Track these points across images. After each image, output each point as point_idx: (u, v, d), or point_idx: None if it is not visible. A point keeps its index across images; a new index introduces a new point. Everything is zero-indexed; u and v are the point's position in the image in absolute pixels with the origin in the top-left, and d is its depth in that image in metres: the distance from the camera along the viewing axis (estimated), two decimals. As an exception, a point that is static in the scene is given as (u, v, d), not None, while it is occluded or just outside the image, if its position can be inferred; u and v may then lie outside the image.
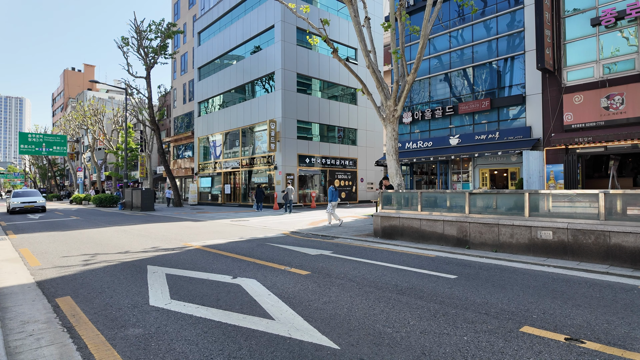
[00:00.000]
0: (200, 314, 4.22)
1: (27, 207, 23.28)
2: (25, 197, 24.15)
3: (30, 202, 23.54)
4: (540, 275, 5.84)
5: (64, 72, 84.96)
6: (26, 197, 24.16)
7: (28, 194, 25.31)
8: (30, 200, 23.73)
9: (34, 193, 25.58)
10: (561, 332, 3.60)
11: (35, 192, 25.95)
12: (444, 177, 20.03)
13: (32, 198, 24.09)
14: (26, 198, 23.97)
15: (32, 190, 26.44)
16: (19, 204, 23.15)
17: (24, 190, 25.97)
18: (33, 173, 77.78)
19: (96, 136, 43.62)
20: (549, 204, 7.50)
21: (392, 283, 5.44)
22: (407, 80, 10.81)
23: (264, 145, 26.02)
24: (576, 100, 14.26)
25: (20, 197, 24.06)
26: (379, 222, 10.20)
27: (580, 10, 14.42)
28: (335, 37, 27.29)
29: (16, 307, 4.53)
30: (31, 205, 23.37)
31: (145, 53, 27.61)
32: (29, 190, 26.06)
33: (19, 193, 25.14)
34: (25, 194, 25.23)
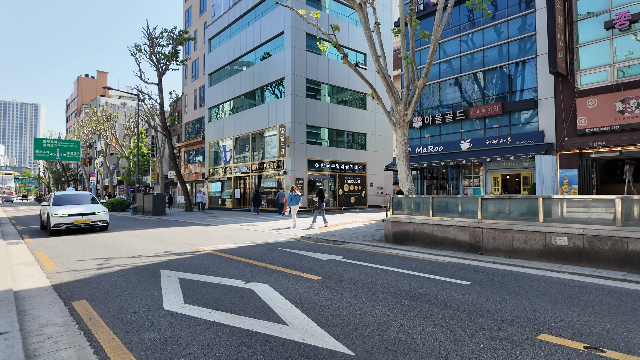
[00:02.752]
0: (214, 318, 4.24)
1: (80, 222, 13.40)
2: (75, 207, 13.95)
3: (84, 213, 13.60)
4: (556, 282, 5.74)
5: (78, 78, 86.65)
6: (76, 207, 13.97)
7: (77, 199, 15.08)
8: (82, 211, 13.66)
9: (84, 198, 15.36)
10: (580, 341, 3.53)
11: (86, 195, 15.64)
12: (455, 181, 19.88)
13: (85, 207, 14.07)
14: (76, 208, 13.84)
15: (81, 193, 15.68)
16: (66, 217, 13.13)
17: (71, 194, 15.33)
18: (47, 178, 79.19)
19: (109, 141, 44.29)
20: (564, 210, 7.39)
21: (405, 289, 5.41)
22: (417, 85, 10.79)
23: (273, 150, 26.14)
24: (590, 104, 14.07)
25: (67, 207, 13.83)
26: (390, 227, 10.15)
27: (594, 14, 14.26)
28: (345, 43, 27.39)
29: (34, 310, 4.60)
30: (86, 221, 13.53)
31: (157, 60, 28.04)
32: (78, 194, 15.48)
33: (62, 199, 14.72)
34: (73, 199, 14.96)
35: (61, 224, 12.99)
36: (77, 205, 14.29)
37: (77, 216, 13.35)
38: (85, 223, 13.48)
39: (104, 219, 14.04)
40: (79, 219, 13.34)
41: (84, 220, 13.43)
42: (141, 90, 29.93)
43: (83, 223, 13.42)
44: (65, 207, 13.60)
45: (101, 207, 14.37)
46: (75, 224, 13.26)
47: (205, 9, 39.63)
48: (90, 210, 13.79)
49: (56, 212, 13.11)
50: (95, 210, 13.89)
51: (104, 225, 14.13)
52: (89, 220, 13.56)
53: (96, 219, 13.79)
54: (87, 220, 13.51)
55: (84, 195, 15.48)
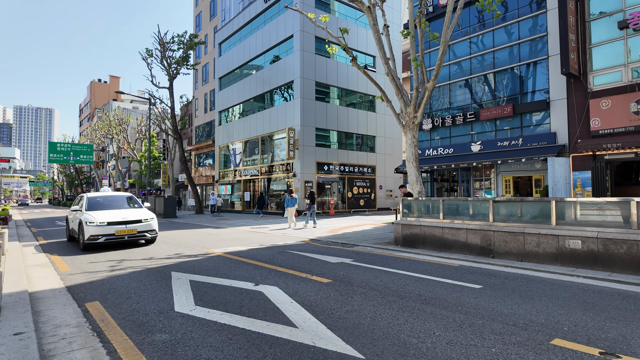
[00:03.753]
0: (225, 320, 4.26)
1: (123, 234, 10.06)
2: (115, 212, 10.66)
3: (127, 221, 10.26)
4: (569, 286, 5.65)
5: (91, 83, 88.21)
6: (116, 212, 10.67)
7: (116, 202, 11.72)
8: (125, 218, 10.32)
9: (124, 200, 11.99)
10: (595, 346, 3.46)
11: (125, 197, 12.26)
12: (466, 184, 19.70)
13: (128, 213, 10.74)
14: (116, 213, 10.55)
15: (119, 194, 12.39)
16: (105, 227, 9.88)
17: (108, 196, 12.02)
18: (61, 181, 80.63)
19: (121, 145, 44.95)
20: (577, 212, 7.27)
21: (416, 292, 5.37)
22: (427, 87, 10.74)
23: (282, 153, 26.23)
24: (603, 105, 13.84)
25: (104, 212, 10.59)
26: (400, 230, 10.10)
27: (607, 14, 14.05)
28: (354, 45, 27.41)
29: (48, 311, 4.68)
30: (130, 231, 10.16)
31: (168, 64, 28.41)
32: (116, 196, 12.16)
33: (97, 202, 11.38)
34: (110, 202, 11.58)
35: (98, 235, 9.63)
36: (117, 209, 10.96)
37: (119, 225, 9.93)
38: (130, 234, 10.03)
39: (152, 228, 10.56)
40: (121, 229, 9.91)
41: (127, 231, 9.98)
42: (152, 94, 30.33)
43: (127, 234, 9.98)
44: (103, 213, 10.34)
45: (148, 213, 10.93)
46: (117, 236, 9.83)
47: (216, 14, 40.06)
48: (135, 217, 10.37)
49: (91, 219, 9.78)
50: (141, 217, 10.43)
51: (153, 236, 10.62)
52: (134, 230, 10.08)
53: (143, 228, 10.29)
54: (131, 230, 10.05)
55: (123, 198, 12.14)
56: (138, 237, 10.33)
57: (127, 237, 10.12)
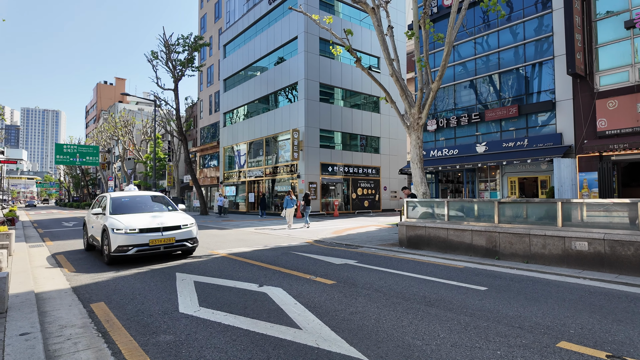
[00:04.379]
0: (229, 321, 4.27)
1: (159, 243, 8.02)
2: (146, 216, 8.73)
3: (163, 227, 8.22)
4: (575, 288, 5.59)
5: (97, 85, 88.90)
6: (148, 216, 8.75)
7: (145, 203, 9.78)
8: (161, 224, 8.27)
9: (155, 201, 10.03)
10: (602, 349, 3.42)
11: (156, 197, 10.31)
12: (471, 185, 19.60)
13: (163, 217, 8.72)
14: (149, 217, 8.59)
15: (148, 194, 10.39)
16: (136, 235, 7.89)
17: (135, 196, 10.01)
18: (67, 182, 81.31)
19: (126, 146, 45.25)
20: (584, 214, 7.21)
21: (420, 294, 5.34)
22: (431, 88, 10.71)
23: (287, 154, 26.27)
24: (610, 106, 13.72)
25: (133, 216, 8.60)
26: (404, 231, 10.07)
27: (613, 13, 13.94)
28: (358, 47, 27.42)
29: (54, 312, 4.71)
30: (167, 240, 8.11)
31: (174, 66, 28.56)
32: (144, 196, 10.20)
33: (124, 203, 9.40)
34: (139, 204, 9.63)
35: (129, 246, 7.68)
36: (148, 213, 8.97)
37: (154, 233, 7.95)
38: (167, 244, 8.04)
39: (193, 235, 8.52)
40: (156, 238, 7.91)
41: (164, 240, 7.99)
42: (158, 96, 30.50)
43: (163, 244, 7.98)
44: (132, 217, 8.35)
45: (186, 217, 8.84)
46: (152, 246, 7.85)
47: (220, 16, 40.24)
48: (172, 222, 8.32)
49: (119, 225, 7.84)
50: (180, 222, 8.39)
51: (193, 246, 8.59)
52: (172, 238, 8.08)
53: (183, 236, 8.26)
54: (169, 239, 8.05)
55: (154, 198, 10.08)
56: (176, 247, 8.23)
57: (163, 248, 7.98)
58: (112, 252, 7.78)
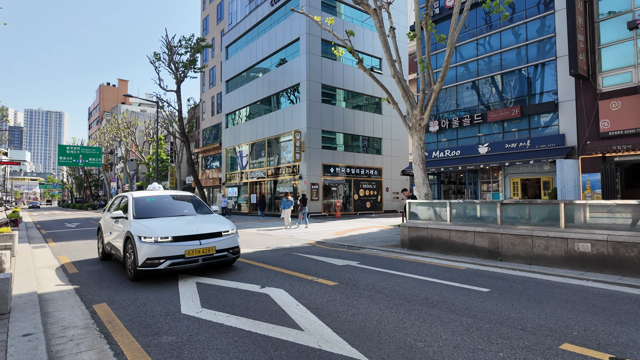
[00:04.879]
0: (231, 323, 4.27)
1: (197, 255, 6.43)
2: (178, 221, 7.11)
3: (201, 234, 6.64)
4: (578, 290, 5.57)
5: (100, 87, 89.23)
6: (180, 221, 7.12)
7: (174, 205, 8.06)
8: (198, 231, 6.67)
9: (185, 203, 8.28)
10: (605, 351, 3.41)
11: (185, 197, 8.55)
12: (473, 186, 19.56)
13: (199, 223, 7.07)
14: (181, 222, 7.06)
15: (177, 194, 8.57)
16: (169, 244, 6.30)
17: (161, 196, 8.18)
18: (70, 183, 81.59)
19: (129, 148, 45.38)
20: (587, 215, 7.18)
21: (422, 296, 5.33)
22: (433, 89, 10.70)
23: (289, 155, 26.29)
24: (613, 107, 13.67)
25: (163, 221, 7.01)
26: (406, 232, 10.05)
27: (616, 14, 13.90)
28: (360, 48, 27.43)
29: (57, 313, 4.73)
30: (207, 250, 6.53)
31: (176, 67, 28.65)
32: (173, 196, 8.43)
33: (148, 206, 7.67)
34: (167, 206, 7.90)
35: (160, 258, 6.21)
36: (179, 217, 7.44)
37: (191, 241, 6.46)
38: (206, 255, 6.53)
39: (236, 244, 7.11)
40: (194, 247, 6.41)
41: (203, 250, 6.49)
42: (160, 97, 30.60)
43: (202, 255, 6.48)
44: (161, 222, 6.89)
45: (224, 221, 7.37)
46: (188, 258, 6.35)
47: (223, 17, 40.36)
48: (211, 228, 6.86)
49: (147, 232, 6.39)
50: (220, 228, 6.94)
51: (235, 256, 7.10)
52: (211, 248, 6.59)
53: (224, 245, 6.82)
54: (209, 248, 6.56)
55: (182, 198, 8.44)
56: (217, 259, 6.69)
57: (201, 260, 6.46)
58: (139, 266, 6.17)
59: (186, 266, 6.40)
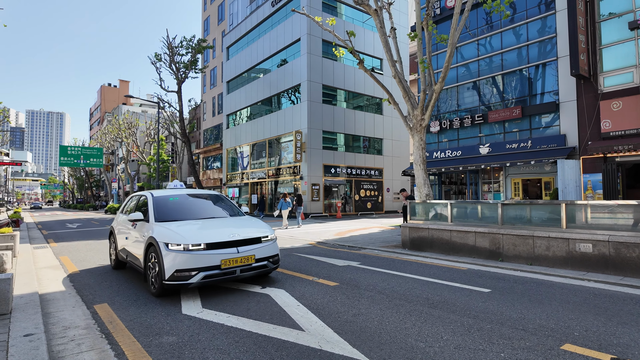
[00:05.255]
0: (231, 323, 4.27)
1: (234, 265, 5.41)
2: (207, 223, 6.21)
3: (238, 241, 5.61)
4: (580, 290, 5.56)
5: (101, 87, 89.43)
6: (209, 222, 6.24)
7: (201, 205, 7.04)
8: (234, 235, 5.62)
9: (212, 203, 7.19)
10: (606, 352, 3.40)
11: (211, 197, 7.41)
12: (474, 187, 19.54)
13: (231, 224, 6.15)
14: (212, 225, 6.10)
15: (202, 193, 7.52)
16: (203, 253, 5.26)
17: (188, 194, 7.16)
18: (71, 184, 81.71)
19: (130, 148, 45.44)
20: (588, 216, 7.16)
21: (423, 296, 5.33)
22: (434, 89, 10.70)
23: (289, 155, 26.30)
24: (614, 107, 13.66)
25: (188, 222, 6.12)
26: (407, 233, 10.05)
27: (617, 14, 13.89)
28: (361, 48, 27.44)
29: (58, 313, 4.73)
30: (245, 259, 5.52)
31: (177, 68, 28.69)
32: (197, 195, 7.36)
33: (171, 206, 6.53)
34: (192, 207, 6.85)
35: (192, 270, 5.22)
36: (208, 219, 6.45)
37: (227, 249, 5.49)
38: (244, 265, 5.56)
39: (276, 252, 6.12)
40: (230, 256, 5.45)
41: (241, 260, 5.53)
42: (161, 98, 30.65)
43: (239, 265, 5.51)
44: (189, 226, 5.93)
45: (262, 224, 6.39)
46: (224, 270, 5.38)
47: (224, 18, 40.41)
48: (249, 233, 5.87)
49: (176, 238, 5.40)
50: (259, 233, 5.97)
51: (275, 265, 6.07)
52: (251, 257, 5.64)
53: (264, 253, 5.83)
54: (247, 257, 5.59)
55: (209, 197, 7.37)
56: (256, 269, 5.67)
57: (239, 271, 5.45)
58: (166, 280, 5.14)
59: (221, 279, 5.37)
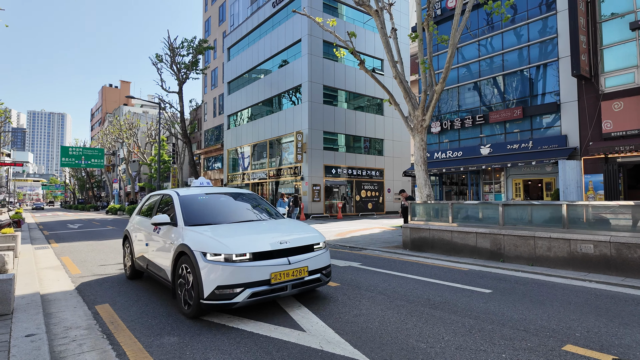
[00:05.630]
0: (233, 323, 4.27)
1: (286, 279, 4.43)
2: (245, 227, 5.09)
3: (289, 249, 4.61)
4: (581, 291, 5.55)
5: (102, 88, 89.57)
6: (247, 227, 5.11)
7: (232, 206, 5.88)
8: (283, 241, 4.61)
9: (242, 203, 6.06)
10: (608, 352, 3.39)
11: (240, 198, 6.18)
12: (475, 187, 19.53)
13: (278, 229, 5.20)
14: (254, 229, 5.04)
15: (233, 191, 6.26)
16: (248, 264, 4.26)
17: (217, 194, 5.99)
18: (73, 184, 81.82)
19: (131, 149, 45.50)
20: (589, 216, 7.15)
21: (424, 297, 5.32)
22: (435, 90, 10.70)
23: (290, 156, 26.31)
24: (616, 107, 13.64)
25: (223, 226, 5.03)
26: (408, 233, 10.04)
27: (618, 15, 13.88)
28: (362, 49, 27.45)
29: (60, 313, 4.74)
30: (298, 271, 4.55)
31: (178, 69, 28.73)
32: (227, 192, 6.16)
33: (202, 207, 5.50)
34: (225, 207, 5.79)
35: (237, 286, 4.21)
36: (247, 222, 5.44)
37: (277, 259, 4.47)
38: (296, 279, 4.56)
39: (328, 262, 5.09)
40: (282, 269, 4.44)
41: (293, 272, 4.53)
42: (162, 99, 30.70)
43: (291, 280, 4.51)
44: (228, 230, 4.92)
45: (312, 230, 5.34)
46: (274, 285, 4.37)
47: (224, 19, 40.47)
48: (299, 240, 4.84)
49: (214, 245, 4.39)
50: (310, 240, 4.95)
51: (328, 279, 5.06)
52: (303, 269, 4.63)
53: (316, 263, 4.82)
54: (300, 270, 4.59)
55: (241, 197, 6.29)
56: (309, 284, 4.72)
57: (290, 287, 4.49)
58: (205, 299, 4.18)
59: (270, 296, 4.36)
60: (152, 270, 5.64)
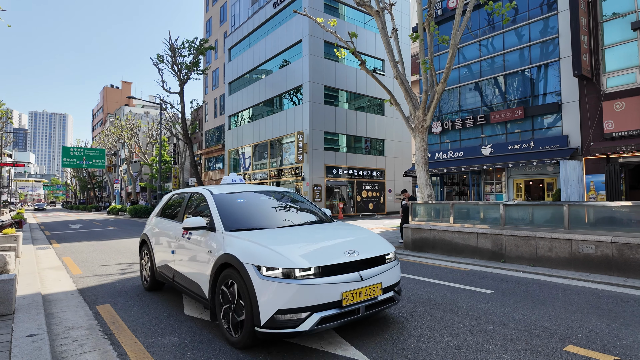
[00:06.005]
0: (233, 324, 4.26)
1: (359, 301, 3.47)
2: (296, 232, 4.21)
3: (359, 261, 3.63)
4: (583, 292, 5.54)
5: (104, 89, 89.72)
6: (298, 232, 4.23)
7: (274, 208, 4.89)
8: (351, 251, 3.64)
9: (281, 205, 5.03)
10: (610, 353, 3.39)
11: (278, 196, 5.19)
12: (476, 187, 19.51)
13: (340, 237, 4.12)
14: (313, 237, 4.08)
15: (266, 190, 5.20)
16: (313, 281, 3.30)
17: (259, 194, 5.06)
18: (74, 185, 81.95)
19: (132, 149, 45.56)
20: (591, 217, 7.14)
21: (425, 297, 5.32)
22: (436, 90, 10.69)
23: (291, 156, 26.32)
24: (617, 108, 13.62)
25: (270, 231, 4.09)
26: (409, 234, 10.03)
27: (620, 15, 13.86)
28: (362, 49, 27.45)
29: (61, 314, 4.75)
30: (371, 290, 3.56)
31: (179, 69, 28.77)
32: (266, 192, 5.16)
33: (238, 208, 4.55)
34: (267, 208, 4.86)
35: (303, 310, 3.28)
36: (297, 227, 4.50)
37: (346, 274, 3.49)
38: (370, 300, 3.59)
39: (398, 277, 4.03)
40: (354, 287, 3.48)
41: (367, 291, 3.56)
42: (163, 99, 30.74)
43: (364, 301, 3.54)
44: (282, 236, 3.97)
45: (378, 237, 4.31)
46: (346, 308, 3.42)
47: (225, 19, 40.51)
48: (369, 251, 3.82)
49: (273, 259, 3.41)
50: (381, 250, 3.96)
51: (399, 297, 4.04)
52: (377, 286, 3.65)
53: (390, 279, 3.85)
54: (373, 286, 3.62)
55: (282, 197, 5.30)
56: (382, 306, 3.80)
57: (364, 310, 3.58)
58: (262, 325, 3.32)
59: (341, 322, 3.45)
60: (181, 283, 4.72)
